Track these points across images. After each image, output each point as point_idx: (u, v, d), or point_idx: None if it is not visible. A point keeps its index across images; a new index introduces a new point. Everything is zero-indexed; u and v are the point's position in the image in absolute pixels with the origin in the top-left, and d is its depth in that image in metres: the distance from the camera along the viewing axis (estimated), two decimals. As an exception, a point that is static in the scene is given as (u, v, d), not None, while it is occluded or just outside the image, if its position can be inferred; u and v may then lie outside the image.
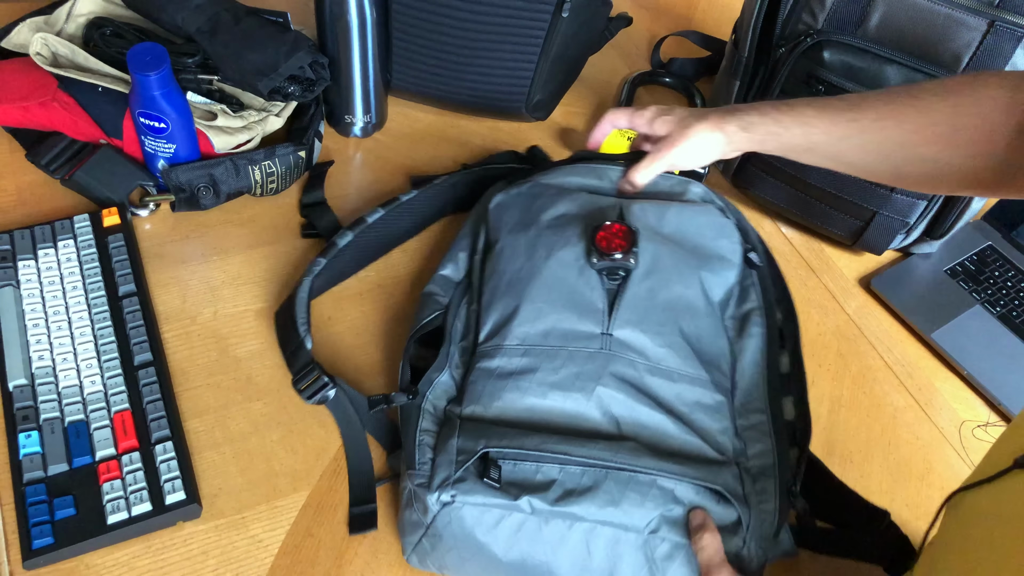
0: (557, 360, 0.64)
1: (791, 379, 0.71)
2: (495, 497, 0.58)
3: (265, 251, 0.86)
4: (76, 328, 0.74)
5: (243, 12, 0.90)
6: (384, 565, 0.67)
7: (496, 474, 0.58)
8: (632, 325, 0.65)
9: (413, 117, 1.03)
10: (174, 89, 0.80)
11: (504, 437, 0.60)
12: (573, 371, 0.63)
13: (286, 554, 0.66)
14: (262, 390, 0.75)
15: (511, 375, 0.64)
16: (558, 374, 0.63)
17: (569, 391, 0.63)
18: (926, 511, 0.77)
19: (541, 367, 0.64)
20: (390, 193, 0.93)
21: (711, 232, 0.75)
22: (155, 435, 0.68)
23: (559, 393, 0.63)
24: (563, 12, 0.89)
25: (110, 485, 0.65)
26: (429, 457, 0.62)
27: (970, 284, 0.94)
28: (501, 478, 0.58)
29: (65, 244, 0.80)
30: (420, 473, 0.61)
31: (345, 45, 0.89)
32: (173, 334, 0.77)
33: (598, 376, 0.63)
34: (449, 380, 0.68)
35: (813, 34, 0.83)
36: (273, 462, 0.71)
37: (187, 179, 0.84)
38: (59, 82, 0.84)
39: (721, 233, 0.75)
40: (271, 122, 0.89)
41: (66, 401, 0.69)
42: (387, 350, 0.80)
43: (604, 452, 0.59)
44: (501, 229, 0.75)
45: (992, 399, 0.85)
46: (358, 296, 0.84)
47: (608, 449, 0.60)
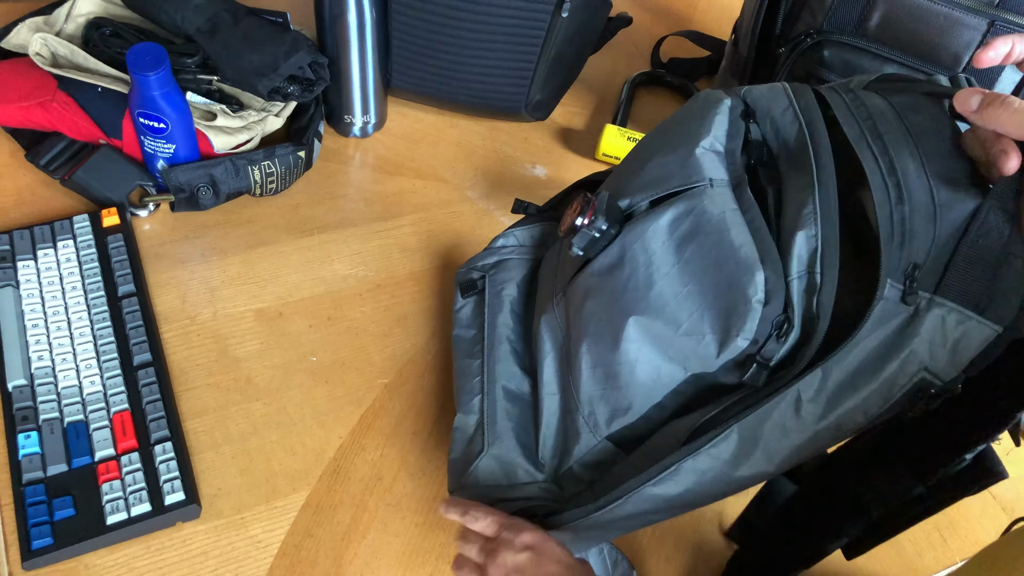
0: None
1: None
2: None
3: (265, 251, 0.85)
4: (75, 328, 0.74)
5: (243, 12, 0.90)
6: (384, 565, 0.67)
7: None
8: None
9: (413, 117, 1.03)
10: (174, 89, 0.80)
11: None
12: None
13: (285, 555, 0.66)
14: (262, 390, 0.75)
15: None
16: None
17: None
18: (926, 511, 0.77)
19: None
20: (390, 193, 0.93)
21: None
22: (154, 436, 0.68)
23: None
24: (563, 12, 0.89)
25: (109, 486, 0.65)
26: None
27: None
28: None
29: (64, 244, 0.80)
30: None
31: (344, 45, 0.89)
32: (172, 334, 0.77)
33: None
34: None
35: (813, 34, 0.83)
36: (272, 462, 0.71)
37: (187, 179, 0.84)
38: (59, 82, 0.84)
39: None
40: (271, 122, 0.89)
41: (65, 401, 0.69)
42: (387, 351, 0.80)
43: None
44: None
45: (992, 399, 0.85)
46: (358, 296, 0.84)
47: None
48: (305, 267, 0.85)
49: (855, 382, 0.49)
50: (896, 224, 0.48)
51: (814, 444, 0.50)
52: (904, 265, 0.48)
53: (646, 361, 0.55)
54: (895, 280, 0.48)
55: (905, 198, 0.48)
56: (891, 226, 0.48)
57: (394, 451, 0.73)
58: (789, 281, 0.50)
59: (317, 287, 0.84)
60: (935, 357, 0.47)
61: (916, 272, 0.48)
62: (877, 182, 0.49)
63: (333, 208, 0.91)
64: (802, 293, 0.50)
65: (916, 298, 0.48)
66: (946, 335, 0.47)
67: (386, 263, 0.87)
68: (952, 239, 0.48)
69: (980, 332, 0.47)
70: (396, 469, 0.72)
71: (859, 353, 0.49)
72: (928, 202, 0.48)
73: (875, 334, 0.48)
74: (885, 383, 0.48)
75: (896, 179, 0.49)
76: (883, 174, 0.49)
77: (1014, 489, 0.79)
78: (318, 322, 0.81)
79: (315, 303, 0.82)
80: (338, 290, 0.84)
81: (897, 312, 0.48)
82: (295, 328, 0.80)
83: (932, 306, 0.47)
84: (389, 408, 0.76)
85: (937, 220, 0.48)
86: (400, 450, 0.73)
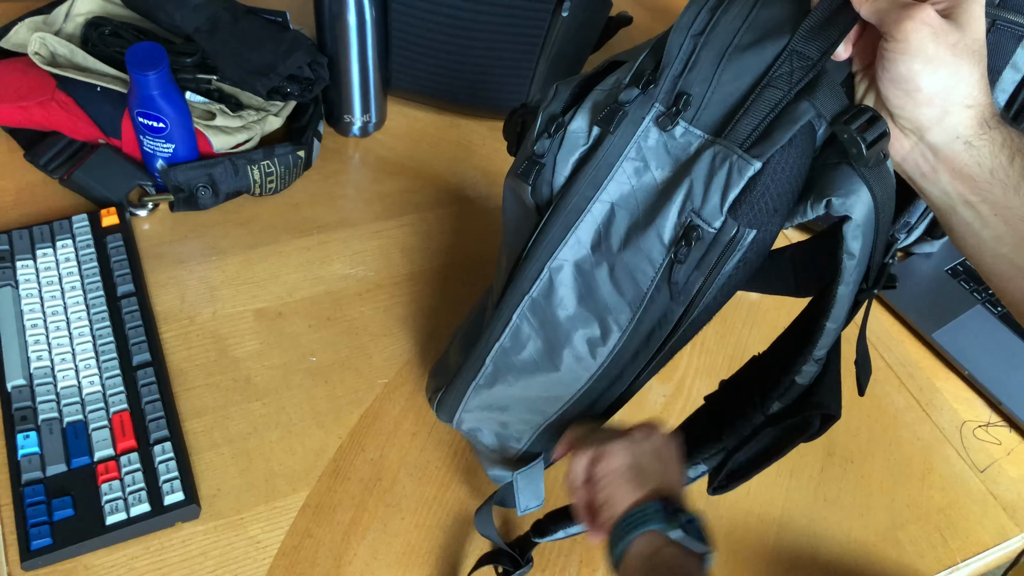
0: None
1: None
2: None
3: (264, 251, 0.85)
4: (74, 328, 0.74)
5: (242, 11, 0.90)
6: (384, 565, 0.66)
7: None
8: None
9: (412, 116, 1.03)
10: (173, 89, 0.80)
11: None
12: None
13: (285, 555, 0.66)
14: (261, 390, 0.75)
15: None
16: None
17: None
18: (926, 511, 0.77)
19: None
20: (390, 193, 0.93)
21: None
22: (154, 436, 0.68)
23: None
24: (563, 12, 0.89)
25: (108, 486, 0.65)
26: None
27: (971, 284, 0.93)
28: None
29: (63, 244, 0.80)
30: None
31: (344, 44, 0.89)
32: (172, 334, 0.77)
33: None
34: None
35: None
36: (272, 463, 0.71)
37: (186, 179, 0.84)
38: (58, 82, 0.84)
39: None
40: (270, 122, 0.89)
41: (64, 402, 0.69)
42: (387, 351, 0.80)
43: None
44: None
45: (993, 399, 0.85)
46: (358, 296, 0.83)
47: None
48: (305, 267, 0.85)
49: (635, 229, 0.51)
50: (684, 51, 0.50)
51: (618, 284, 0.52)
52: (676, 89, 0.49)
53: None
54: (660, 102, 0.50)
55: (705, 31, 0.49)
56: (677, 51, 0.50)
57: (394, 451, 0.73)
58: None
59: (316, 287, 0.83)
60: (703, 197, 0.48)
61: (682, 100, 0.49)
62: (691, 10, 0.50)
63: (333, 208, 0.91)
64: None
65: (669, 123, 0.49)
66: (712, 172, 0.47)
67: (386, 263, 0.87)
68: (748, 89, 0.48)
69: (741, 167, 0.46)
70: (396, 469, 0.72)
71: (641, 193, 0.51)
72: (726, 42, 0.49)
73: (659, 170, 0.50)
74: (657, 228, 0.50)
75: (710, 16, 0.50)
76: (705, 4, 0.50)
77: (1014, 490, 0.79)
78: (318, 322, 0.81)
79: (315, 303, 0.82)
80: (338, 290, 0.84)
81: (665, 144, 0.50)
82: (294, 328, 0.80)
83: (709, 146, 0.48)
84: (389, 408, 0.76)
85: (725, 58, 0.48)
86: (400, 450, 0.73)
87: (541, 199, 0.56)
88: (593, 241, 0.53)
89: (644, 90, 0.51)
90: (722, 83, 0.48)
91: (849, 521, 0.75)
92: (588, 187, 0.52)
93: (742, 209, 0.47)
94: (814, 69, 0.46)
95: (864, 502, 0.76)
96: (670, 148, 0.50)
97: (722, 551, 0.71)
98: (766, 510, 0.74)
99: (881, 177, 0.46)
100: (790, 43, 0.47)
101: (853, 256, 0.47)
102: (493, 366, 0.61)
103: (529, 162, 0.55)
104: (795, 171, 0.47)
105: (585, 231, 0.53)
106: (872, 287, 0.51)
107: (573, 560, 0.69)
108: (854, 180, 0.46)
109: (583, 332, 0.55)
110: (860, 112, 0.45)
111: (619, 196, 0.52)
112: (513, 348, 0.59)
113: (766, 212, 0.47)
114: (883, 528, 0.75)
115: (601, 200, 0.52)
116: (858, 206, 0.45)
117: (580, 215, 0.53)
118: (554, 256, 0.54)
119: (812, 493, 0.76)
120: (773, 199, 0.47)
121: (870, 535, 0.74)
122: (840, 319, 0.50)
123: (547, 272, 0.55)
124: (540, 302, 0.56)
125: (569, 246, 0.54)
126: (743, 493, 0.75)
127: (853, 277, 0.48)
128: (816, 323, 0.50)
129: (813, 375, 0.52)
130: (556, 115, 0.55)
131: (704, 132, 0.49)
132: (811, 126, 0.47)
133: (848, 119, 0.45)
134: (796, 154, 0.46)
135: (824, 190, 0.46)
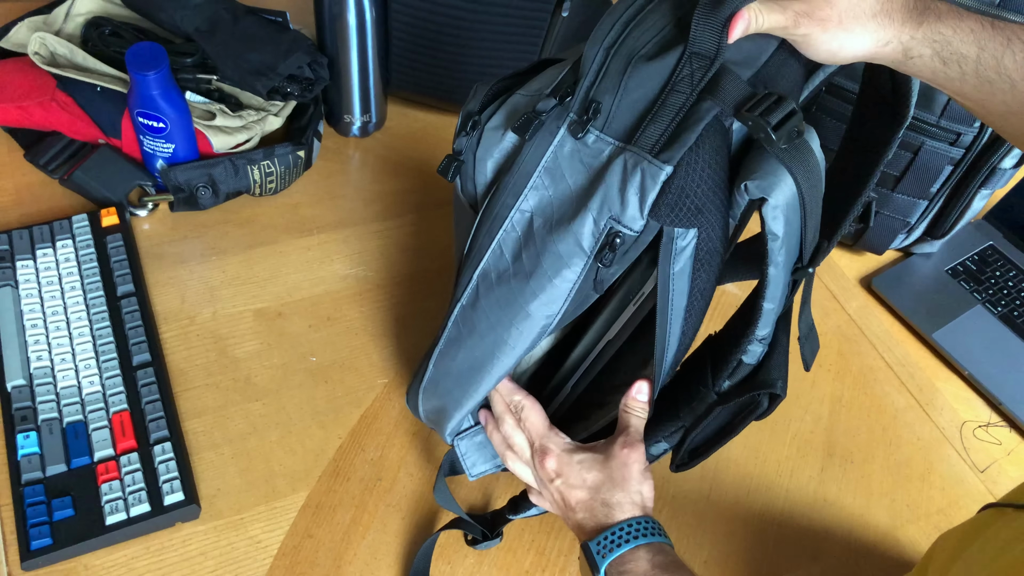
0: None
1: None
2: None
3: (264, 251, 0.85)
4: (74, 328, 0.74)
5: (242, 11, 0.90)
6: (383, 566, 0.66)
7: None
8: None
9: (412, 117, 1.03)
10: (173, 89, 0.80)
11: None
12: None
13: (285, 555, 0.66)
14: (261, 391, 0.75)
15: None
16: None
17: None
18: (926, 511, 0.77)
19: None
20: (390, 193, 0.93)
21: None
22: (154, 436, 0.68)
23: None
24: (563, 12, 0.89)
25: (108, 486, 0.65)
26: None
27: (971, 284, 0.93)
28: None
29: (63, 244, 0.80)
30: None
31: (344, 45, 0.89)
32: (172, 334, 0.77)
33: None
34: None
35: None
36: (272, 463, 0.71)
37: (186, 179, 0.84)
38: (58, 82, 0.84)
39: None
40: (270, 122, 0.89)
41: (64, 402, 0.69)
42: (387, 351, 0.80)
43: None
44: None
45: (993, 399, 0.85)
46: (358, 296, 0.83)
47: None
48: (305, 267, 0.85)
49: (552, 237, 0.52)
50: (596, 62, 0.51)
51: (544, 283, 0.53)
52: (588, 99, 0.51)
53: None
54: (575, 112, 0.51)
55: (616, 43, 0.50)
56: (591, 64, 0.51)
57: (394, 451, 0.73)
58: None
59: (316, 287, 0.83)
60: (620, 203, 0.49)
61: (591, 108, 0.50)
62: (606, 23, 0.51)
63: (333, 208, 0.91)
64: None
65: (580, 130, 0.50)
66: (626, 179, 0.48)
67: (386, 263, 0.87)
68: (655, 95, 0.49)
69: (653, 173, 0.47)
70: (396, 469, 0.72)
71: (558, 202, 0.52)
72: (633, 51, 0.50)
73: (574, 177, 0.51)
74: (575, 235, 0.51)
75: (622, 29, 0.51)
76: (620, 18, 0.51)
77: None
78: (318, 322, 0.81)
79: (315, 303, 0.82)
80: (338, 290, 0.84)
81: (579, 153, 0.51)
82: (295, 328, 0.80)
83: (620, 153, 0.49)
84: (389, 408, 0.76)
85: (631, 66, 0.49)
86: (400, 450, 0.73)
87: (469, 196, 0.57)
88: (514, 251, 0.54)
89: (561, 102, 0.52)
90: (628, 90, 0.49)
91: (849, 521, 0.75)
92: (509, 196, 0.54)
93: (663, 212, 0.48)
94: (713, 66, 0.47)
95: (864, 502, 0.76)
96: (583, 157, 0.51)
97: (722, 551, 0.71)
98: (766, 510, 0.74)
99: (802, 158, 0.47)
100: (687, 46, 0.48)
101: (776, 237, 0.48)
102: (434, 370, 0.62)
103: (448, 159, 0.57)
104: (711, 168, 0.48)
105: (506, 240, 0.54)
106: (808, 266, 0.52)
107: (573, 560, 0.69)
108: (771, 162, 0.47)
109: (503, 341, 0.56)
110: (764, 98, 0.46)
111: (537, 205, 0.53)
112: (447, 353, 0.60)
113: (691, 211, 0.48)
114: (883, 528, 0.75)
115: (521, 210, 0.53)
116: (776, 188, 0.46)
117: (502, 224, 0.54)
118: (480, 265, 0.55)
119: (812, 493, 0.76)
120: (694, 198, 0.48)
121: (870, 535, 0.74)
122: (776, 299, 0.51)
123: (474, 281, 0.56)
124: (468, 309, 0.57)
125: (493, 255, 0.55)
126: (743, 493, 0.75)
127: (781, 258, 0.49)
128: (755, 304, 0.51)
129: (759, 355, 0.54)
130: (473, 113, 0.56)
131: (615, 139, 0.50)
132: (719, 123, 0.48)
133: (751, 107, 0.46)
134: (708, 151, 0.47)
135: (743, 176, 0.47)
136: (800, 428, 0.80)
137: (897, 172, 0.86)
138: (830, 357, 0.87)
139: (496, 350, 0.57)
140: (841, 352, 0.87)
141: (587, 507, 0.56)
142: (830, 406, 0.83)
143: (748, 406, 0.56)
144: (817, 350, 0.61)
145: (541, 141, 0.52)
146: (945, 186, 0.87)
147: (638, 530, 0.53)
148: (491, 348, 0.57)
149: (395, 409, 0.76)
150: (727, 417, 0.57)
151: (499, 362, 0.57)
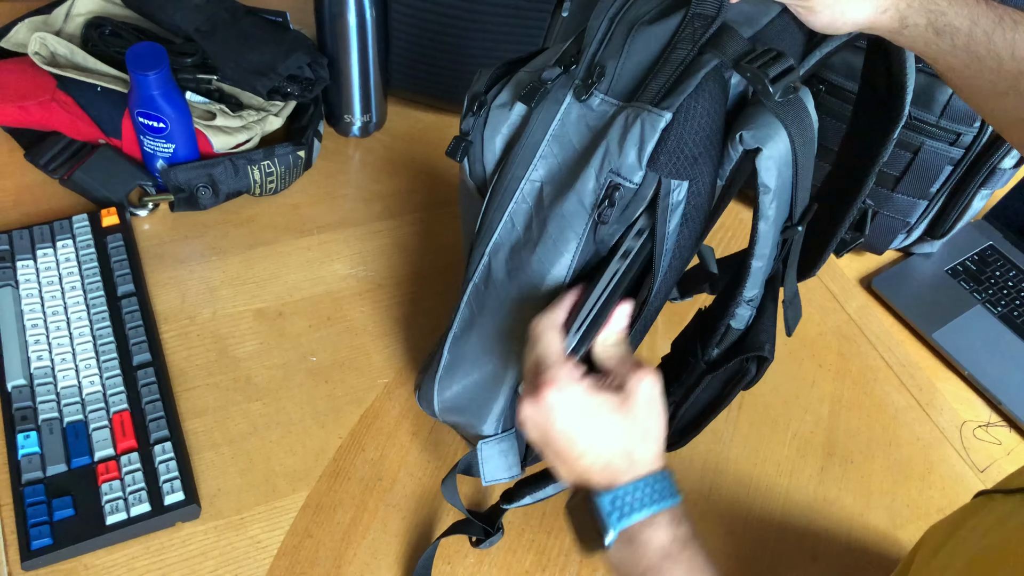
0: None
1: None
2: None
3: (264, 251, 0.85)
4: (75, 328, 0.74)
5: (242, 11, 0.90)
6: (384, 566, 0.67)
7: None
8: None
9: (412, 117, 1.03)
10: (173, 89, 0.80)
11: None
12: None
13: (285, 555, 0.66)
14: (261, 390, 0.75)
15: None
16: None
17: None
18: (926, 511, 0.77)
19: None
20: (390, 193, 0.93)
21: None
22: (154, 436, 0.68)
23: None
24: (563, 12, 0.89)
25: (109, 486, 0.65)
26: None
27: (971, 284, 0.93)
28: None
29: (64, 244, 0.80)
30: None
31: (344, 45, 0.89)
32: (172, 334, 0.77)
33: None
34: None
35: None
36: (272, 463, 0.71)
37: (186, 179, 0.84)
38: (58, 82, 0.84)
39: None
40: (270, 122, 0.89)
41: (65, 401, 0.69)
42: (387, 351, 0.80)
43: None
44: None
45: (993, 399, 0.85)
46: (358, 296, 0.83)
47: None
48: (305, 267, 0.85)
49: (558, 200, 0.52)
50: (601, 31, 0.52)
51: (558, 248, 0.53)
52: (592, 64, 0.52)
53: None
54: (579, 79, 0.52)
55: (620, 12, 0.52)
56: (595, 32, 0.52)
57: (394, 451, 0.73)
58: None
59: (317, 287, 0.83)
60: (619, 155, 0.49)
61: (595, 72, 0.51)
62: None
63: (333, 208, 0.91)
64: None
65: (584, 93, 0.51)
66: (626, 131, 0.49)
67: (386, 263, 0.87)
68: (657, 55, 0.50)
69: (652, 121, 0.48)
70: (396, 469, 0.72)
71: (566, 168, 0.52)
72: (637, 18, 0.51)
73: (580, 142, 0.52)
74: (578, 194, 0.51)
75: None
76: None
77: (1015, 489, 0.79)
78: (318, 322, 0.81)
79: (315, 303, 0.82)
80: (338, 290, 0.84)
81: (585, 117, 0.51)
82: (295, 328, 0.80)
83: (622, 111, 0.50)
84: (389, 408, 0.76)
85: (634, 31, 0.51)
86: (400, 450, 0.73)
87: (478, 179, 0.57)
88: (525, 222, 0.54)
89: (566, 70, 0.53)
90: (632, 53, 0.50)
91: (849, 521, 0.75)
92: (519, 167, 0.54)
93: (661, 161, 0.48)
94: (714, 24, 0.48)
95: (864, 502, 0.76)
96: (589, 121, 0.52)
97: (722, 551, 0.71)
98: (766, 510, 0.74)
99: (796, 114, 0.48)
100: (690, 7, 0.49)
101: (768, 189, 0.48)
102: (449, 356, 0.62)
103: (456, 140, 0.58)
104: (709, 116, 0.48)
105: (517, 212, 0.54)
106: (797, 223, 0.52)
107: (573, 559, 0.69)
108: (767, 115, 0.47)
109: (517, 314, 0.56)
110: (764, 52, 0.47)
111: (546, 174, 0.53)
112: (463, 336, 0.60)
113: (687, 160, 0.48)
114: (883, 528, 0.75)
115: (531, 180, 0.54)
116: (771, 140, 0.47)
117: (512, 197, 0.54)
118: (491, 241, 0.55)
119: (812, 493, 0.76)
120: (691, 147, 0.48)
121: (870, 535, 0.74)
122: (765, 256, 0.52)
123: (486, 257, 0.56)
124: (480, 288, 0.57)
125: (505, 228, 0.55)
126: (743, 494, 0.75)
127: (772, 212, 0.50)
128: (744, 263, 0.52)
129: (747, 319, 0.54)
130: (479, 94, 0.57)
131: (618, 100, 0.51)
132: (719, 73, 0.49)
133: (751, 59, 0.47)
134: (707, 99, 0.48)
135: (738, 127, 0.48)
136: (800, 428, 0.81)
137: (897, 172, 0.86)
138: (830, 357, 0.87)
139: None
140: (841, 352, 0.87)
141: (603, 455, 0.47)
142: (830, 406, 0.83)
143: (737, 374, 0.56)
144: (800, 317, 0.62)
145: (548, 110, 0.53)
146: (945, 186, 0.87)
147: (656, 490, 0.47)
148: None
149: (396, 409, 0.76)
150: (717, 388, 0.58)
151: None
